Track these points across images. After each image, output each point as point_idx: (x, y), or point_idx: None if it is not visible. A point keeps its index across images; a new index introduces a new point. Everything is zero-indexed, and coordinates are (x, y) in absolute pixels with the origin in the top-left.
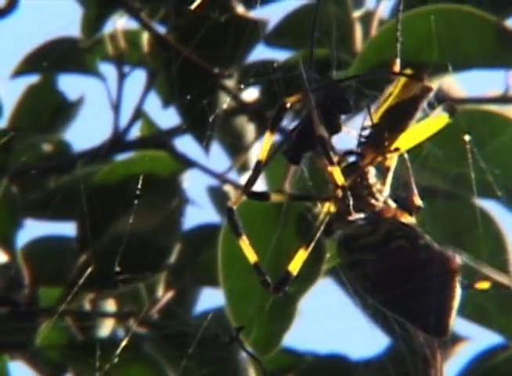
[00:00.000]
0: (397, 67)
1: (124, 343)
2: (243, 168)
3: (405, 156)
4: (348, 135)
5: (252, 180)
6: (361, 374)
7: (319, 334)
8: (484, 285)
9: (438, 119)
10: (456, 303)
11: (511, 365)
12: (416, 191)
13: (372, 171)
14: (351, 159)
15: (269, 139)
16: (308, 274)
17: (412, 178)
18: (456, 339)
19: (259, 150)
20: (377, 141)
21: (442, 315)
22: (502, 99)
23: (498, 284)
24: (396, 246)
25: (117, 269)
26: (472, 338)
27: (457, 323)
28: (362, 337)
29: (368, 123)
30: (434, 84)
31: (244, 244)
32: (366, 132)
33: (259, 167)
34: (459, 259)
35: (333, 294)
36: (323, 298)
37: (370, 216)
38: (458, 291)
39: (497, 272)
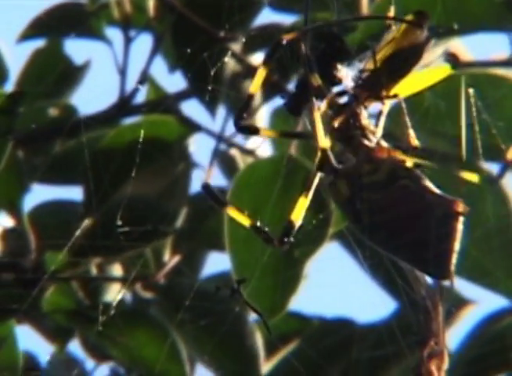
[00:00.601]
0: (391, 13)
1: (115, 303)
2: None
3: (401, 100)
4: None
5: (242, 113)
6: (367, 338)
7: (326, 298)
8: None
9: (440, 69)
10: (457, 246)
11: None
12: (412, 132)
13: (364, 113)
14: (344, 99)
15: (262, 73)
16: (315, 237)
17: (408, 120)
18: (463, 302)
19: (251, 83)
20: (374, 84)
21: (444, 257)
22: (508, 63)
23: None
24: (401, 186)
25: (119, 222)
26: (479, 302)
27: (463, 286)
28: (369, 301)
29: (368, 66)
30: (441, 47)
31: (233, 211)
32: (365, 75)
33: (250, 100)
34: (461, 203)
35: (339, 259)
36: (330, 262)
37: (369, 155)
38: (460, 234)
39: None
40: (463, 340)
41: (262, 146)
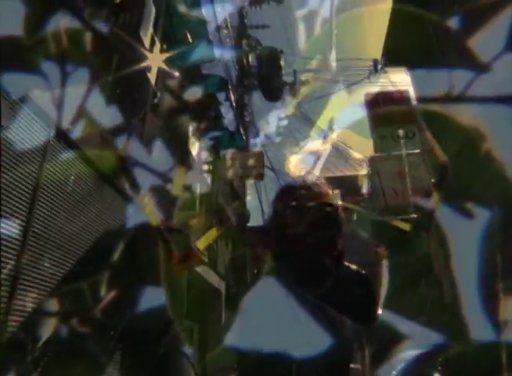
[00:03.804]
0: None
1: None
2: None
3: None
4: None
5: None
6: (303, 372)
7: (262, 333)
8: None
9: None
10: (382, 291)
11: (451, 364)
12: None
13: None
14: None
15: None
16: (251, 273)
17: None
18: (398, 338)
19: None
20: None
21: (367, 305)
22: (446, 99)
23: None
24: (319, 236)
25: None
26: (414, 338)
27: (399, 322)
28: (305, 335)
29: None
30: (380, 80)
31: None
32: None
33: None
34: (383, 249)
35: (275, 293)
36: (266, 296)
37: (297, 204)
38: (384, 280)
39: None
40: None
41: (199, 181)
